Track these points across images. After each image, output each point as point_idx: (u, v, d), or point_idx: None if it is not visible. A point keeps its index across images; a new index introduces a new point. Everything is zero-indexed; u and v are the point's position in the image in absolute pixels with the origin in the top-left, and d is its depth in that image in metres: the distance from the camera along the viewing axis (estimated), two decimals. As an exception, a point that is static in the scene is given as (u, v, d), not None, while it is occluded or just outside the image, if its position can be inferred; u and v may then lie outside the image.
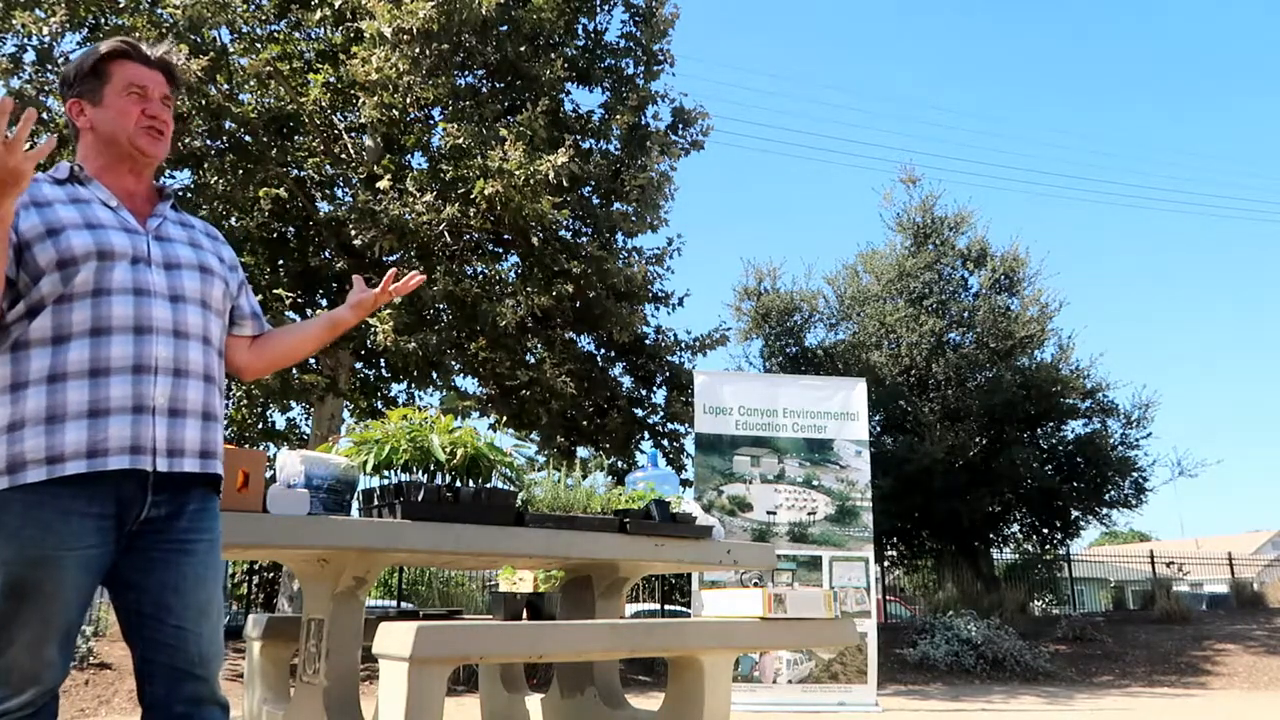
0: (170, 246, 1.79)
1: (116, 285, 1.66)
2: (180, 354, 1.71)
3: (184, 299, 1.75)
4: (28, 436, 1.57)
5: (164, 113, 1.82)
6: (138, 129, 1.78)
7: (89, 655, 7.31)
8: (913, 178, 16.50)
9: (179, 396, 1.69)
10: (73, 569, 1.58)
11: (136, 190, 1.84)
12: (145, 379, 1.65)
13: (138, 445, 1.63)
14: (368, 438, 2.94)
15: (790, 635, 3.18)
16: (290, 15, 9.79)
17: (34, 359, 1.61)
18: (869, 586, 7.56)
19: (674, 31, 10.61)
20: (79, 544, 1.58)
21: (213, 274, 1.84)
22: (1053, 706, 7.73)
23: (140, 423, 1.63)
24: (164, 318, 1.70)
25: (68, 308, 1.63)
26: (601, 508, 3.37)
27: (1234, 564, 18.01)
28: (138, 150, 1.79)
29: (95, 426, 1.60)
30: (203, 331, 1.77)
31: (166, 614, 1.65)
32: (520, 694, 3.84)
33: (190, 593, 1.67)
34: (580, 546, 3.01)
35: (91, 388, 1.61)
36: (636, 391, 11.38)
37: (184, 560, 1.68)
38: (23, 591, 1.54)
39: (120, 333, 1.64)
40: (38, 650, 1.57)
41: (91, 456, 1.58)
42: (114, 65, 1.79)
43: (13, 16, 8.12)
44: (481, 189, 8.24)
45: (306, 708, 2.80)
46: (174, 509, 1.69)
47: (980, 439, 14.74)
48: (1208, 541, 31.83)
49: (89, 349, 1.62)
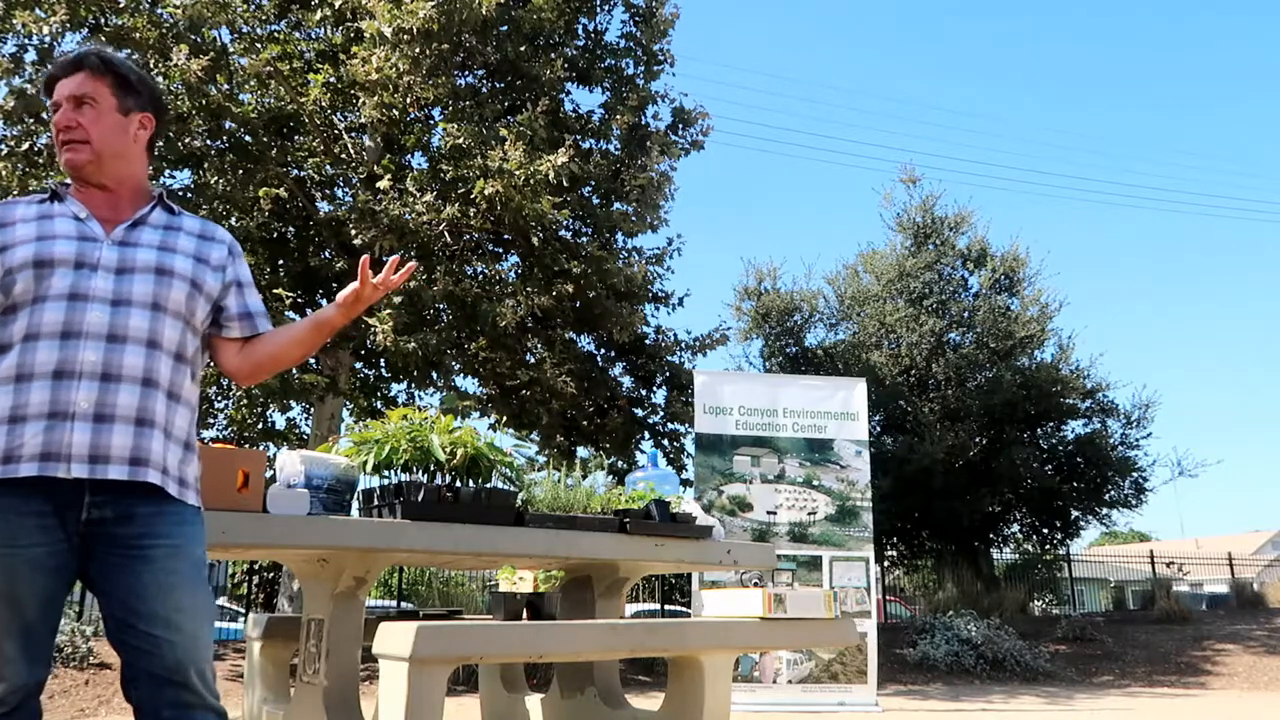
0: (130, 251, 1.76)
1: (53, 292, 1.66)
2: (113, 358, 1.67)
3: (129, 303, 1.71)
4: None
5: (71, 117, 1.77)
6: (60, 148, 1.79)
7: (89, 655, 7.31)
8: (913, 178, 16.50)
9: (107, 401, 1.65)
10: (20, 567, 1.59)
11: (114, 198, 1.82)
12: (67, 384, 1.63)
13: (49, 452, 1.60)
14: (368, 438, 2.94)
15: (790, 635, 3.18)
16: (290, 15, 9.79)
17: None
18: (869, 586, 7.56)
19: (674, 31, 10.62)
20: (20, 542, 1.59)
21: (172, 275, 1.78)
22: (1053, 706, 7.73)
23: (55, 429, 1.61)
24: (98, 322, 1.67)
25: (11, 318, 1.67)
26: (601, 508, 3.37)
27: (1234, 564, 18.01)
28: (67, 166, 1.79)
29: (13, 432, 1.60)
30: (148, 335, 1.72)
31: (136, 619, 1.64)
32: (520, 694, 3.85)
33: (154, 600, 1.64)
34: (580, 546, 3.01)
35: (15, 393, 1.62)
36: (636, 391, 11.38)
37: (141, 568, 1.65)
38: None
39: (48, 338, 1.64)
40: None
41: (7, 462, 1.60)
42: (50, 92, 1.82)
43: (13, 16, 8.12)
44: (481, 189, 8.24)
45: (306, 708, 2.80)
46: (121, 512, 1.66)
47: (980, 439, 14.74)
48: (1208, 541, 31.83)
49: (17, 355, 1.64)
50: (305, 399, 9.99)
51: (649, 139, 10.00)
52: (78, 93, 1.77)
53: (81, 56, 1.80)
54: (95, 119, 1.78)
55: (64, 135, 1.77)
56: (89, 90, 1.78)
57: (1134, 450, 15.21)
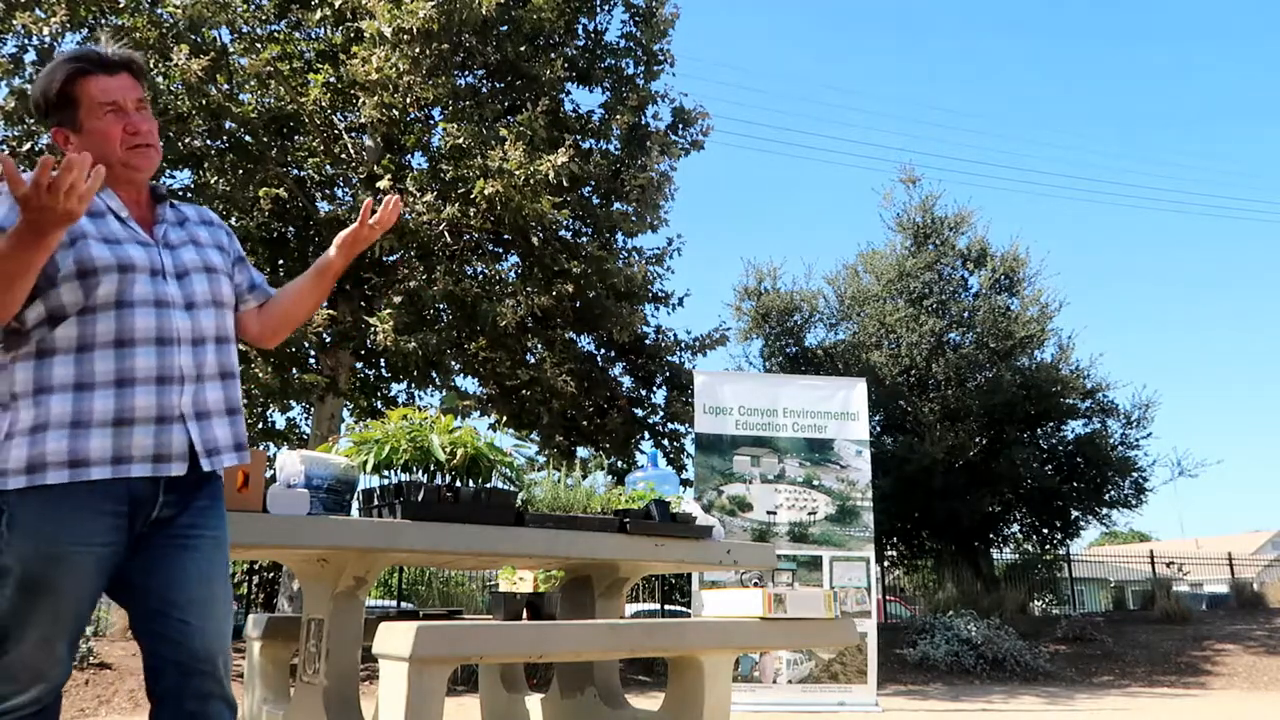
0: (178, 254, 1.82)
1: (139, 298, 1.70)
2: (200, 359, 1.76)
3: (196, 305, 1.80)
4: (50, 440, 1.60)
5: (144, 123, 1.79)
6: (125, 150, 1.76)
7: (89, 655, 7.31)
8: (913, 178, 16.50)
9: (203, 400, 1.75)
10: (87, 566, 1.61)
11: (138, 199, 1.85)
12: (170, 390, 1.70)
13: (160, 454, 1.68)
14: (368, 438, 2.94)
15: (790, 635, 3.18)
16: (290, 15, 9.79)
17: (58, 366, 1.64)
18: (869, 586, 7.56)
19: (674, 31, 10.61)
20: (95, 540, 1.62)
21: (218, 271, 1.88)
22: (1053, 706, 7.73)
23: (163, 432, 1.68)
24: (184, 327, 1.75)
25: (91, 319, 1.67)
26: (601, 508, 3.37)
27: (1234, 564, 18.01)
28: (132, 169, 1.79)
29: (120, 435, 1.64)
30: (216, 332, 1.82)
31: (171, 608, 1.68)
32: (520, 694, 3.84)
33: (193, 588, 1.70)
34: (580, 546, 3.01)
35: (117, 397, 1.65)
36: (636, 391, 11.38)
37: (185, 557, 1.71)
38: (37, 587, 1.57)
39: (144, 344, 1.69)
40: (48, 647, 1.59)
41: (116, 463, 1.63)
42: (79, 86, 1.74)
43: (13, 16, 8.12)
44: (481, 189, 8.24)
45: (306, 708, 2.80)
46: (183, 506, 1.74)
47: (980, 439, 14.74)
48: (1208, 541, 31.84)
49: (114, 360, 1.66)
50: (305, 399, 9.99)
51: (649, 139, 10.00)
52: (137, 96, 1.80)
53: (128, 59, 1.81)
54: (152, 122, 1.82)
55: (138, 139, 1.78)
56: (141, 94, 1.81)
57: (1134, 450, 15.22)
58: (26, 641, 1.57)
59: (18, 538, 1.57)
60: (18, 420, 1.62)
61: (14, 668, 1.57)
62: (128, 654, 7.83)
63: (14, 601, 1.57)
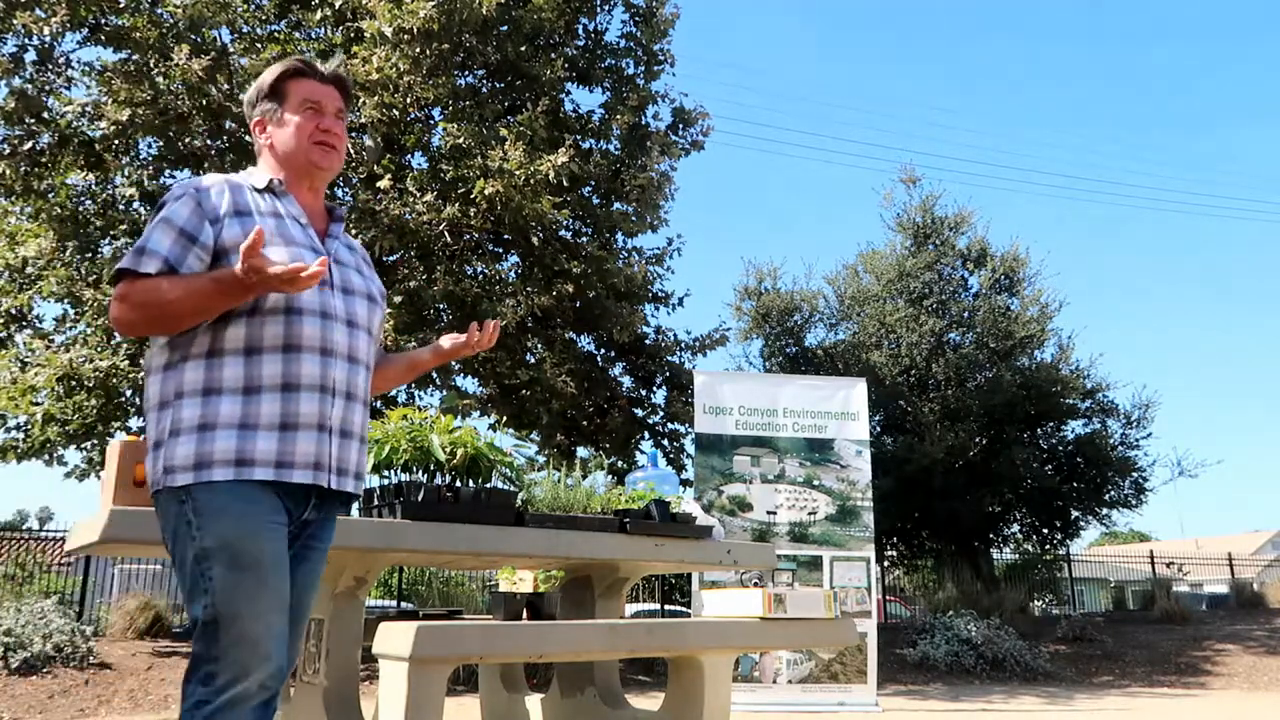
0: (345, 271, 1.86)
1: (306, 305, 1.73)
2: (352, 378, 1.79)
3: (358, 325, 1.83)
4: (219, 439, 1.62)
5: (336, 126, 1.88)
6: (311, 144, 1.85)
7: (89, 655, 7.31)
8: (913, 178, 16.50)
9: (349, 419, 1.78)
10: (280, 541, 1.65)
11: (315, 207, 1.90)
12: (327, 399, 1.73)
13: (319, 462, 1.70)
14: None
15: (790, 635, 3.18)
16: (290, 15, 9.79)
17: (228, 367, 1.67)
18: (869, 586, 7.56)
19: (674, 31, 10.61)
20: (279, 519, 1.66)
21: (376, 303, 1.92)
22: (1053, 706, 7.73)
23: (321, 440, 1.71)
24: (342, 342, 1.77)
25: (260, 321, 1.69)
26: (601, 508, 3.37)
27: (1234, 564, 18.02)
28: (312, 164, 1.85)
29: (285, 439, 1.67)
30: (367, 358, 1.85)
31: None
32: (520, 694, 3.84)
33: (295, 594, 1.71)
34: (580, 546, 3.01)
35: (283, 401, 1.67)
36: (636, 391, 11.38)
37: (297, 566, 1.74)
38: (244, 561, 1.58)
39: (309, 352, 1.71)
40: (267, 622, 1.58)
41: (280, 466, 1.65)
42: (290, 84, 1.88)
43: (13, 16, 8.12)
44: (481, 189, 8.24)
45: (306, 708, 2.80)
46: (317, 518, 1.78)
47: (980, 439, 14.74)
48: (1208, 542, 31.84)
49: (281, 364, 1.69)
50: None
51: (649, 139, 10.00)
52: (339, 107, 1.91)
53: (341, 77, 1.93)
54: (344, 135, 1.93)
55: (327, 138, 1.86)
56: (344, 108, 1.93)
57: (1134, 450, 15.21)
58: (244, 618, 1.56)
59: (209, 520, 1.59)
60: (182, 419, 1.64)
61: (236, 649, 1.55)
62: (128, 654, 7.83)
63: (226, 580, 1.57)
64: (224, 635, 1.55)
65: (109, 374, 8.28)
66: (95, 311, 8.80)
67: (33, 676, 6.83)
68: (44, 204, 8.92)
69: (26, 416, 8.82)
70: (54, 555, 11.13)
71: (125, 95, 8.13)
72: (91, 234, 9.13)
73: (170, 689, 7.10)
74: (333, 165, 1.88)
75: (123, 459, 2.30)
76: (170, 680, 7.27)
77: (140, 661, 7.67)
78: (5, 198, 9.14)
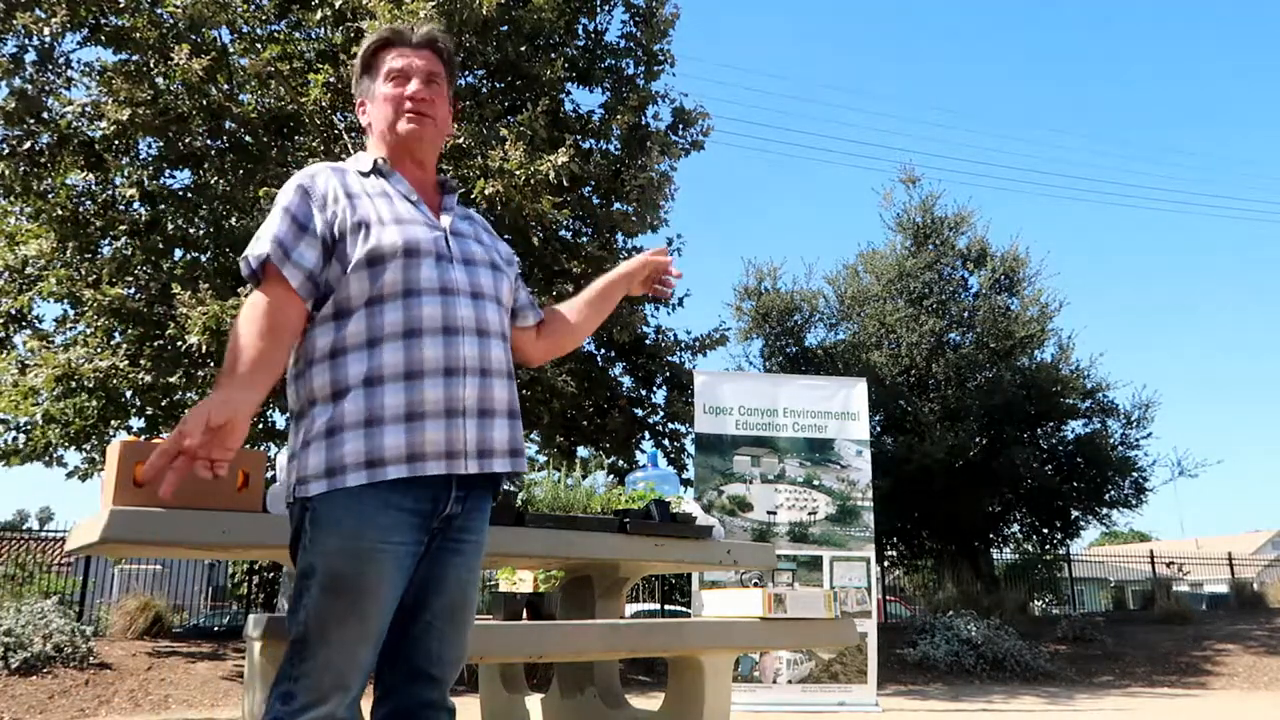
0: (464, 242, 1.76)
1: (424, 284, 1.63)
2: (485, 352, 1.68)
3: (483, 296, 1.71)
4: (347, 441, 1.54)
5: (425, 91, 1.76)
6: (397, 114, 1.75)
7: (89, 655, 7.31)
8: (913, 178, 16.51)
9: (486, 396, 1.67)
10: (389, 565, 1.53)
11: (425, 180, 1.82)
12: (455, 380, 1.62)
13: (452, 450, 1.60)
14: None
15: (790, 635, 3.18)
16: (290, 15, 9.78)
17: (351, 364, 1.59)
18: (869, 586, 7.56)
19: (674, 31, 10.59)
20: (396, 538, 1.55)
21: (502, 270, 1.80)
22: (1053, 706, 7.73)
23: (453, 426, 1.60)
24: (468, 316, 1.66)
25: (379, 309, 1.61)
26: (601, 508, 3.37)
27: (1234, 564, 18.02)
28: (396, 136, 1.75)
29: (412, 430, 1.57)
30: (500, 328, 1.74)
31: (422, 610, 1.63)
32: (520, 694, 3.84)
33: (447, 592, 1.64)
34: (580, 546, 3.00)
35: (406, 391, 1.57)
36: (636, 391, 11.38)
37: (450, 560, 1.65)
38: (341, 586, 1.50)
39: (430, 334, 1.61)
40: (353, 652, 1.51)
41: (411, 461, 1.56)
42: (378, 56, 1.79)
43: (13, 16, 8.12)
44: (482, 189, 8.24)
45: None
46: (465, 507, 1.67)
47: (980, 439, 14.74)
48: (1208, 541, 31.85)
49: (402, 351, 1.59)
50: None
51: (649, 139, 9.99)
52: (430, 69, 1.78)
53: (433, 37, 1.81)
54: (440, 99, 1.80)
55: (415, 105, 1.75)
56: (438, 71, 1.80)
57: (1134, 450, 15.23)
58: (331, 645, 1.49)
59: (321, 535, 1.52)
60: (313, 426, 1.58)
61: (318, 674, 1.49)
62: (128, 654, 7.83)
63: (320, 603, 1.50)
64: (309, 658, 1.50)
65: (109, 374, 8.28)
66: (95, 311, 8.80)
67: (33, 676, 6.83)
68: (44, 204, 8.92)
69: (27, 419, 8.83)
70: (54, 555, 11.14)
71: (125, 95, 8.13)
72: (91, 234, 9.12)
73: (170, 689, 7.11)
74: (425, 134, 1.76)
75: (123, 459, 2.29)
76: (170, 680, 7.27)
77: (140, 662, 7.67)
78: (5, 198, 9.14)
